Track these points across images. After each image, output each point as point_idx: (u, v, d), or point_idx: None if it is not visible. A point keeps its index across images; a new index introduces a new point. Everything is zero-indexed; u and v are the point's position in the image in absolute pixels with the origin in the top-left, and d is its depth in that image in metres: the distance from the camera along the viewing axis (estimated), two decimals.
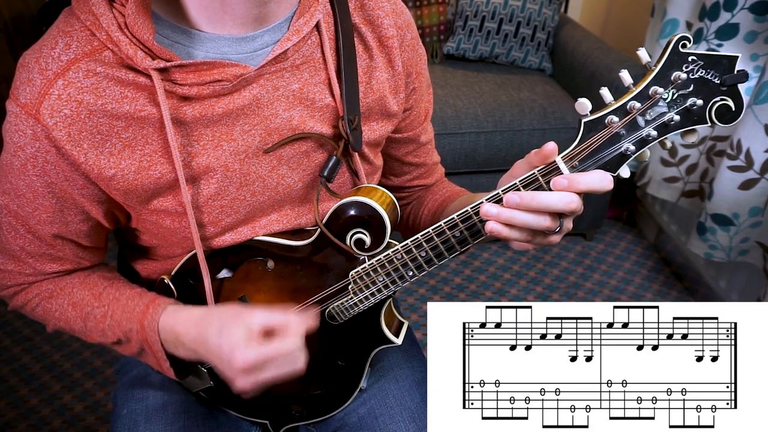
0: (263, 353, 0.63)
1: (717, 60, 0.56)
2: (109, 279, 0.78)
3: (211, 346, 0.66)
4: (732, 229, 1.65)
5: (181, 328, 0.70)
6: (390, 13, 0.73)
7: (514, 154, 2.00)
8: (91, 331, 0.75)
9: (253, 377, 0.64)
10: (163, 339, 0.72)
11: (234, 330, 0.64)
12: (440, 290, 2.06)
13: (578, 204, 0.59)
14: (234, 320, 0.65)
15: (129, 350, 0.76)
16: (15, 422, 1.61)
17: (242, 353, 0.62)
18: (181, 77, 0.63)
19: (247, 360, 0.62)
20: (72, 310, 0.75)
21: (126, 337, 0.74)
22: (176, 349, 0.72)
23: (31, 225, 0.69)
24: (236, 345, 0.63)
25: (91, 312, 0.75)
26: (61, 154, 0.63)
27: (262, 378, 0.64)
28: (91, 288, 0.76)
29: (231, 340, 0.64)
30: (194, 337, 0.69)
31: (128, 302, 0.74)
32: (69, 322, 0.76)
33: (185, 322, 0.70)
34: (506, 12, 2.24)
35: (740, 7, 1.59)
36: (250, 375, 0.64)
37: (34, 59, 0.62)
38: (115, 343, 0.76)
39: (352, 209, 0.70)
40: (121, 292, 0.76)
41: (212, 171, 0.68)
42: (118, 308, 0.74)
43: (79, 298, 0.76)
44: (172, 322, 0.71)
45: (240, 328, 0.64)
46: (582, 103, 0.58)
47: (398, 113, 0.78)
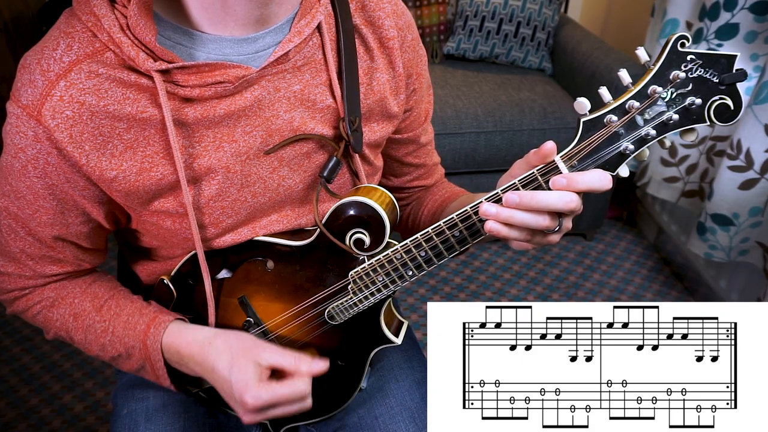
0: (276, 396, 0.65)
1: (716, 59, 0.56)
2: (111, 290, 0.78)
3: (219, 378, 0.68)
4: (732, 229, 1.65)
5: (185, 351, 0.71)
6: (391, 14, 0.73)
7: (514, 154, 2.00)
8: (91, 344, 0.76)
9: (261, 415, 0.67)
10: (167, 358, 0.73)
11: (245, 367, 0.66)
12: (440, 290, 2.06)
13: (577, 203, 0.59)
14: (244, 355, 0.67)
15: (128, 366, 0.76)
16: (15, 422, 1.61)
17: (255, 394, 0.65)
18: (182, 79, 0.63)
19: (259, 401, 0.65)
20: (73, 321, 0.76)
21: (128, 353, 0.74)
22: (180, 367, 0.73)
23: (31, 227, 0.69)
24: (248, 385, 0.65)
25: (92, 325, 0.75)
26: (62, 155, 0.63)
27: (270, 415, 0.67)
28: (93, 299, 0.76)
29: (242, 379, 0.66)
30: (200, 362, 0.70)
31: (129, 319, 0.74)
32: (70, 332, 0.76)
33: (189, 346, 0.71)
34: (506, 12, 2.24)
35: (740, 7, 1.59)
36: (257, 413, 0.66)
37: (36, 60, 0.61)
38: (114, 358, 0.76)
39: (351, 209, 0.70)
40: (121, 307, 0.76)
41: (213, 172, 0.68)
42: (119, 324, 0.74)
43: (80, 309, 0.76)
44: (176, 343, 0.72)
45: (251, 367, 0.66)
46: (581, 102, 0.58)
47: (399, 114, 0.78)
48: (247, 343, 0.69)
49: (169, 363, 0.73)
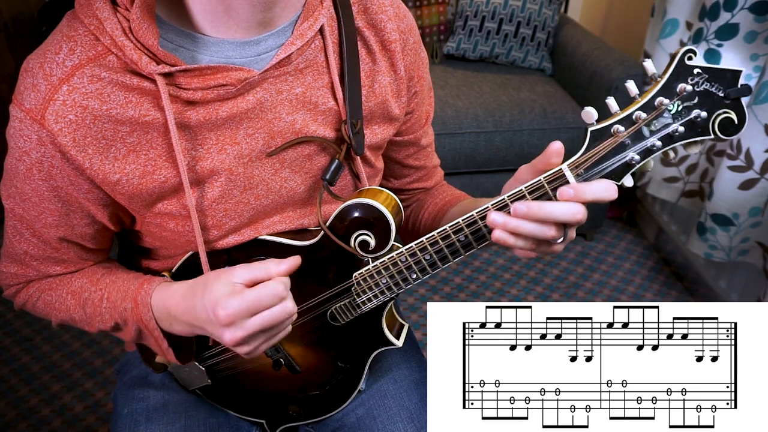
0: (245, 299, 0.62)
1: (721, 73, 0.56)
2: (108, 267, 0.79)
3: (198, 310, 0.66)
4: (732, 229, 1.65)
5: (171, 302, 0.70)
6: (393, 17, 0.73)
7: (514, 154, 2.00)
8: (91, 318, 0.75)
9: (240, 328, 0.63)
10: (157, 317, 0.71)
11: (216, 287, 0.64)
12: (440, 290, 2.06)
13: (584, 215, 0.60)
14: (216, 279, 0.65)
15: (128, 334, 0.75)
16: (15, 422, 1.61)
17: (224, 304, 0.62)
18: (185, 82, 0.63)
19: (229, 310, 0.62)
20: (71, 299, 0.75)
21: (122, 318, 0.73)
22: (171, 325, 0.71)
23: (36, 228, 0.69)
24: (218, 299, 0.63)
25: (89, 297, 0.75)
26: (66, 158, 0.63)
27: (250, 327, 0.63)
28: (90, 276, 0.76)
29: (213, 296, 0.63)
30: (184, 307, 0.68)
31: (124, 283, 0.74)
32: (69, 311, 0.76)
33: (175, 295, 0.70)
34: (506, 12, 2.25)
35: (740, 7, 1.59)
36: (236, 327, 0.63)
37: (38, 64, 0.61)
38: (114, 329, 0.75)
39: (357, 211, 0.70)
40: (117, 276, 0.76)
41: (216, 174, 0.68)
42: (114, 290, 0.74)
43: (77, 286, 0.76)
44: (163, 296, 0.71)
45: (222, 285, 0.64)
46: (588, 111, 0.59)
47: (400, 117, 0.78)
48: (219, 270, 0.67)
49: (161, 324, 0.72)
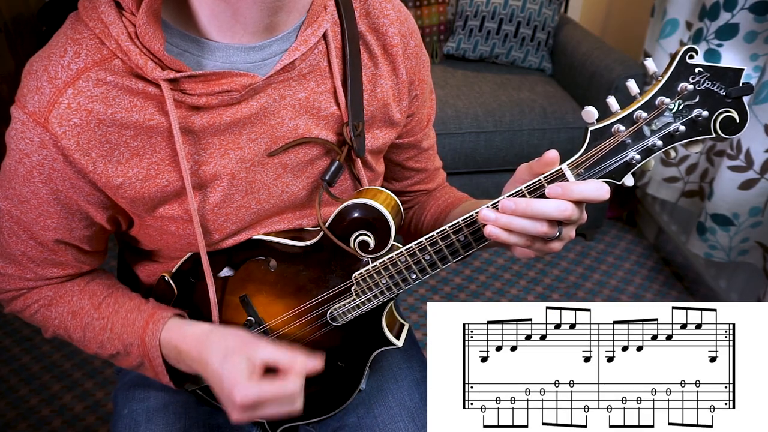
0: (264, 393, 0.64)
1: (723, 72, 0.56)
2: (109, 288, 0.78)
3: (212, 372, 0.67)
4: (732, 229, 1.65)
5: (183, 346, 0.71)
6: (395, 21, 0.73)
7: (514, 154, 2.00)
8: (89, 342, 0.76)
9: (250, 414, 0.65)
10: (165, 354, 0.73)
11: (237, 362, 0.65)
12: (440, 290, 2.06)
13: (572, 212, 0.60)
14: (238, 351, 0.66)
15: (127, 363, 0.76)
16: (15, 422, 1.61)
17: (243, 390, 0.63)
18: (190, 87, 0.63)
19: (247, 398, 0.63)
20: (71, 319, 0.75)
21: (126, 350, 0.74)
22: (178, 363, 0.73)
23: (34, 231, 0.69)
24: (238, 379, 0.64)
25: (91, 323, 0.75)
26: (68, 162, 0.63)
27: (257, 414, 0.66)
28: (91, 297, 0.76)
29: (233, 373, 0.65)
30: (196, 357, 0.70)
31: (128, 315, 0.74)
32: (68, 330, 0.76)
33: (187, 340, 0.71)
34: (506, 12, 2.25)
35: (740, 7, 1.59)
36: (247, 411, 0.65)
37: (43, 67, 0.61)
38: (112, 356, 0.76)
39: (356, 211, 0.70)
40: (120, 304, 0.76)
41: (219, 179, 0.68)
42: (117, 321, 0.74)
43: (78, 307, 0.76)
44: (174, 338, 0.72)
45: (243, 362, 0.65)
46: (588, 111, 0.58)
47: (401, 121, 0.78)
48: (243, 339, 0.69)
49: (167, 360, 0.73)
